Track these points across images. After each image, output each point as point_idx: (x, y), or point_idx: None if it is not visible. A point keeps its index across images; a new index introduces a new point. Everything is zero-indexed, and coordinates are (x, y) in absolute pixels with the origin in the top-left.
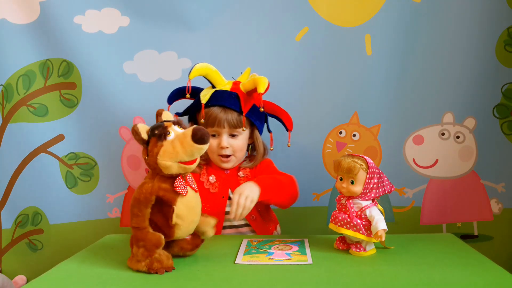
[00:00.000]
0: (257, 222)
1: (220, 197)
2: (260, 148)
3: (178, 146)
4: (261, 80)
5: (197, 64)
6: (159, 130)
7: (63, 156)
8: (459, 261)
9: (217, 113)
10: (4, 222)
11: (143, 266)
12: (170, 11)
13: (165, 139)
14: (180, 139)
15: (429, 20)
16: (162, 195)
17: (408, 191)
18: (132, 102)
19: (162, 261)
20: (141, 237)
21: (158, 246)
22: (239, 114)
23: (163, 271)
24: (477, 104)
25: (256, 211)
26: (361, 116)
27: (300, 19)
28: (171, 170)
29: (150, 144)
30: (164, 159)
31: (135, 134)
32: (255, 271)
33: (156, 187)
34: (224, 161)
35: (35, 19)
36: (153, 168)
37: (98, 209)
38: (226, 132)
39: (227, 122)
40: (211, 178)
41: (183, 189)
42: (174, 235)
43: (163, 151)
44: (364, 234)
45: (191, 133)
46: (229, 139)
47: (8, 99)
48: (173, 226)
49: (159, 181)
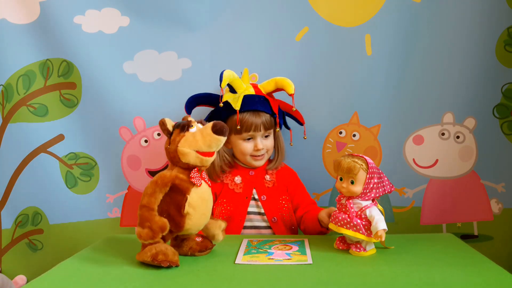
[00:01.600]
0: (278, 225)
1: (244, 198)
2: (281, 145)
3: (198, 135)
4: (287, 81)
5: (225, 72)
6: (183, 123)
7: (63, 156)
8: (459, 261)
9: (252, 119)
10: (4, 222)
11: (148, 256)
12: (170, 11)
13: (187, 130)
14: (201, 131)
15: (429, 20)
16: (178, 183)
17: (408, 191)
18: (132, 102)
19: (167, 255)
20: (148, 218)
21: (163, 230)
22: (270, 116)
23: (166, 264)
24: (477, 104)
25: (279, 214)
26: (361, 116)
27: (300, 19)
28: (189, 158)
29: (173, 134)
30: (184, 146)
31: (162, 125)
32: (255, 271)
33: (174, 175)
34: (258, 159)
35: (35, 19)
36: (172, 157)
37: (98, 209)
38: (261, 135)
39: (263, 126)
40: (236, 178)
41: (198, 180)
42: (185, 225)
43: (184, 139)
44: (364, 234)
45: (211, 125)
46: (263, 140)
47: (8, 99)
48: (185, 215)
49: (177, 171)
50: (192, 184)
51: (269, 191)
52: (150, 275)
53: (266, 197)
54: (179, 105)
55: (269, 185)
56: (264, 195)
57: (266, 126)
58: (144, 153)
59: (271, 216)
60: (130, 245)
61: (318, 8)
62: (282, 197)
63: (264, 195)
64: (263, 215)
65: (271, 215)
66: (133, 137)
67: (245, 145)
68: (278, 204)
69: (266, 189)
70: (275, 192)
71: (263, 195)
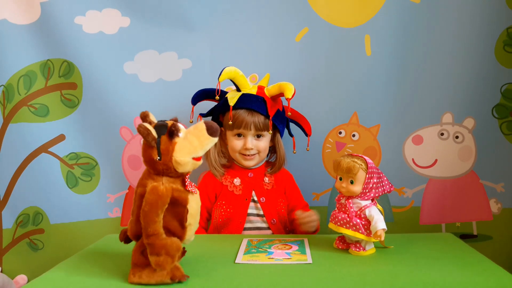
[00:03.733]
0: (277, 226)
1: (243, 199)
2: (281, 150)
3: (195, 141)
4: (287, 86)
5: (226, 68)
6: (170, 128)
7: (64, 156)
8: (458, 260)
9: (244, 116)
10: (5, 222)
11: (165, 276)
12: (170, 12)
13: (177, 136)
14: (195, 134)
15: (428, 21)
16: (177, 196)
17: (407, 191)
18: (132, 103)
19: (180, 268)
20: (161, 245)
21: (179, 250)
22: (265, 118)
23: (185, 278)
24: (476, 104)
25: (277, 215)
26: (360, 116)
27: (300, 19)
28: (186, 167)
29: (162, 143)
30: (182, 155)
31: (146, 134)
32: (255, 270)
33: (169, 189)
34: (247, 159)
35: (36, 19)
36: (165, 168)
37: (98, 209)
38: (252, 134)
39: (253, 125)
40: (235, 180)
41: (193, 188)
42: (186, 236)
43: (179, 148)
44: (364, 234)
45: (205, 127)
46: (254, 140)
47: (9, 99)
48: (186, 227)
49: (169, 182)
50: (188, 193)
51: (268, 193)
52: None
53: (265, 199)
54: (180, 105)
55: (268, 187)
56: (263, 197)
57: (258, 127)
58: None
59: (271, 217)
60: (131, 245)
61: (318, 8)
62: (280, 199)
63: (263, 197)
64: (262, 216)
65: (271, 217)
66: (133, 137)
67: (235, 142)
68: (277, 206)
69: (265, 191)
70: (274, 194)
71: (262, 197)
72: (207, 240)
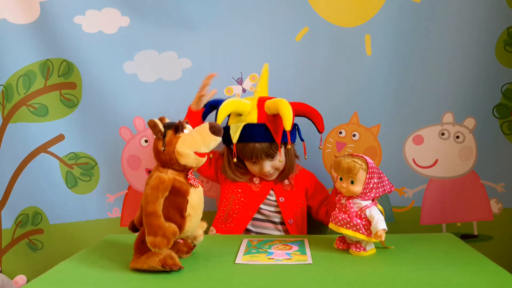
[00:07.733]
0: (292, 227)
1: (259, 196)
2: (292, 159)
3: (197, 136)
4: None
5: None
6: (176, 124)
7: (63, 156)
8: (458, 261)
9: (252, 148)
10: (4, 222)
11: (157, 262)
12: (170, 11)
13: (182, 132)
14: (198, 131)
15: (429, 20)
16: (178, 186)
17: (408, 191)
18: (132, 102)
19: (174, 258)
20: (160, 225)
21: (175, 235)
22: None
23: (177, 267)
24: (477, 104)
25: (294, 216)
26: (361, 116)
27: (300, 19)
28: (188, 160)
29: (167, 136)
30: (183, 147)
31: (154, 127)
32: (255, 271)
33: (172, 178)
34: (268, 177)
35: (35, 19)
36: (168, 159)
37: (98, 209)
38: (265, 159)
39: (264, 154)
40: (255, 179)
41: (195, 181)
42: (185, 227)
43: (182, 141)
44: (364, 234)
45: (208, 126)
46: (269, 162)
47: (8, 99)
48: (186, 217)
49: (173, 174)
50: (191, 186)
51: (287, 193)
52: (150, 275)
53: (284, 199)
54: (179, 105)
55: (287, 188)
56: (282, 197)
57: (269, 154)
58: (144, 153)
59: (288, 217)
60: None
61: (318, 8)
62: (299, 200)
63: (282, 197)
64: (279, 213)
65: (288, 216)
66: (133, 137)
67: (253, 167)
68: (295, 207)
69: (285, 192)
70: (293, 195)
71: (281, 197)
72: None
